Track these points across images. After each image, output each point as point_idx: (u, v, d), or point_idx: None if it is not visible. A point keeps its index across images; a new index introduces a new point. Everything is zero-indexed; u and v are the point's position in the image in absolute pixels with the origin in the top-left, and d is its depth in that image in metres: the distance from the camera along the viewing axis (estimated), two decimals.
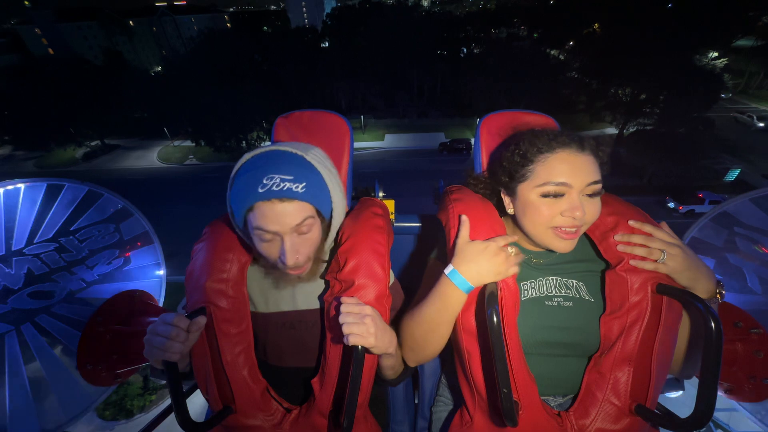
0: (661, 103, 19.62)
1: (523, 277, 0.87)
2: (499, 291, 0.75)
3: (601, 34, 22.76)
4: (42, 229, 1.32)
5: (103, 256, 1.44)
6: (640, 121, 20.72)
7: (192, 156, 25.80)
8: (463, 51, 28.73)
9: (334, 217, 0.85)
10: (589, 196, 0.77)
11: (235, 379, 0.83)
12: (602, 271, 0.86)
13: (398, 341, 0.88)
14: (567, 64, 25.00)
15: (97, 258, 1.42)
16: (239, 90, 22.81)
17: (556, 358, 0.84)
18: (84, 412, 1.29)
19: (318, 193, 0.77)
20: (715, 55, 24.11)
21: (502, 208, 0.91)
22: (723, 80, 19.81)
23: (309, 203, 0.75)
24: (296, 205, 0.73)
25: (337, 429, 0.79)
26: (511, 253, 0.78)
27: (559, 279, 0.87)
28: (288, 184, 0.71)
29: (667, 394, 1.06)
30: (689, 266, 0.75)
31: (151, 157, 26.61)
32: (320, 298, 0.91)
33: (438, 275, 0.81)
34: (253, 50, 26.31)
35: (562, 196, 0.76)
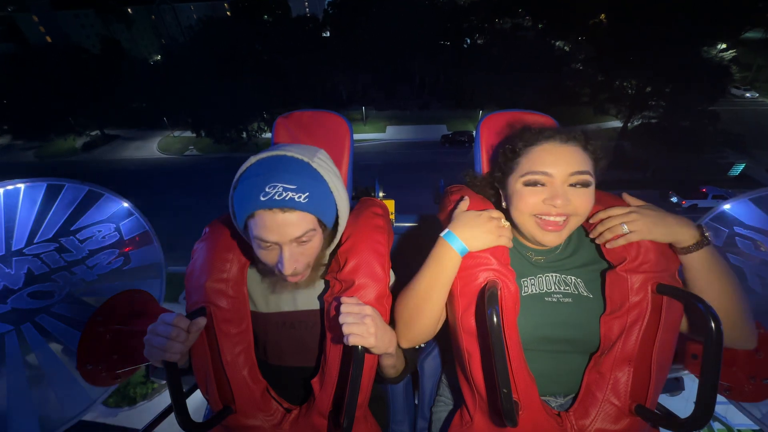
0: (667, 95, 19.39)
1: (523, 274, 0.88)
2: (499, 291, 0.75)
3: (607, 26, 22.52)
4: (42, 229, 1.32)
5: (103, 256, 1.44)
6: (645, 114, 20.48)
7: (192, 147, 25.49)
8: (467, 42, 28.50)
9: (339, 225, 0.85)
10: (575, 186, 0.77)
11: (235, 379, 0.83)
12: (603, 271, 0.86)
13: (395, 319, 0.88)
14: (572, 55, 24.65)
15: (97, 258, 1.42)
16: (239, 80, 22.60)
17: (556, 355, 0.84)
18: (84, 412, 1.29)
19: (321, 203, 0.76)
20: (723, 46, 23.82)
21: (499, 205, 0.92)
22: (731, 72, 19.55)
23: (311, 214, 0.74)
24: (298, 216, 0.72)
25: (337, 429, 0.79)
26: (503, 225, 0.84)
27: (558, 276, 0.87)
28: (290, 194, 0.69)
29: (667, 394, 1.06)
30: (655, 222, 0.77)
31: (151, 148, 26.33)
32: (320, 298, 0.91)
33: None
34: (253, 39, 25.98)
35: (543, 186, 0.79)
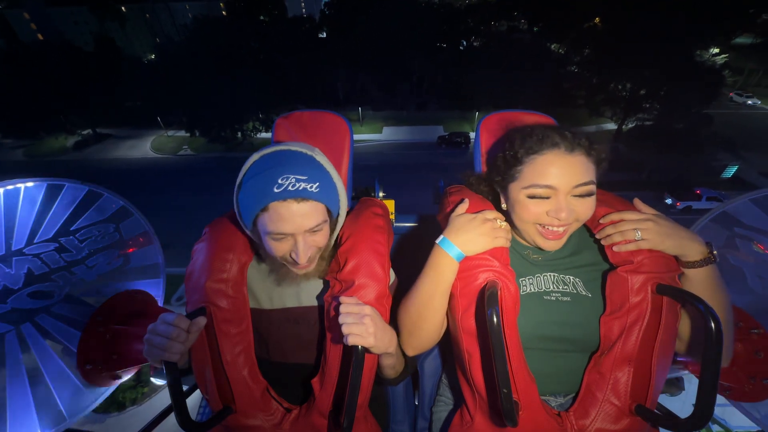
0: (661, 98, 19.55)
1: (521, 273, 0.88)
2: (499, 291, 0.75)
3: (602, 29, 22.60)
4: (42, 229, 1.32)
5: (103, 256, 1.44)
6: (639, 116, 20.63)
7: (186, 146, 25.34)
8: (463, 43, 28.58)
9: (340, 215, 0.87)
10: (579, 196, 0.77)
11: (235, 379, 0.83)
12: (605, 271, 0.86)
13: (397, 330, 0.88)
14: (568, 57, 24.80)
15: (97, 258, 1.42)
16: (235, 79, 22.52)
17: (556, 354, 0.84)
18: (84, 412, 1.29)
19: (330, 193, 0.79)
20: (716, 51, 24.01)
21: (499, 205, 0.92)
22: (723, 76, 19.76)
23: (323, 203, 0.76)
24: (311, 206, 0.74)
25: (337, 429, 0.79)
26: (501, 225, 0.83)
27: (556, 275, 0.87)
28: (303, 184, 0.72)
29: (667, 394, 1.06)
30: (668, 233, 0.77)
31: (145, 147, 26.07)
32: (321, 297, 0.91)
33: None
34: (249, 37, 25.90)
35: (548, 198, 0.77)
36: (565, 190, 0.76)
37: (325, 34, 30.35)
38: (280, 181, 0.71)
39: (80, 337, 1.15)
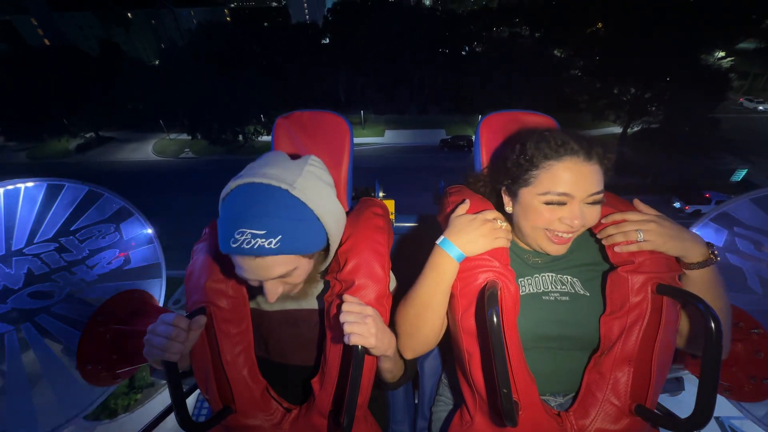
0: (667, 101, 19.41)
1: (520, 274, 0.88)
2: (499, 291, 0.76)
3: (605, 34, 22.60)
4: (42, 229, 1.32)
5: (103, 256, 1.44)
6: (645, 119, 20.48)
7: (188, 149, 25.40)
8: (465, 49, 28.65)
9: (332, 242, 0.81)
10: (590, 204, 0.78)
11: (235, 379, 0.83)
12: (605, 271, 0.86)
13: (395, 332, 0.87)
14: (569, 62, 24.79)
15: (97, 258, 1.42)
16: (236, 82, 22.56)
17: (556, 353, 0.84)
18: (84, 412, 1.29)
19: (299, 241, 0.70)
20: (722, 54, 23.96)
21: (502, 206, 0.91)
22: (730, 79, 19.59)
23: (288, 255, 0.70)
24: (272, 260, 0.69)
25: (337, 429, 0.79)
26: (501, 226, 0.83)
27: (554, 275, 0.88)
28: (259, 241, 0.65)
29: (667, 394, 1.06)
30: (671, 235, 0.77)
31: (146, 150, 26.18)
32: (321, 298, 0.91)
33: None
34: (252, 42, 26.01)
35: (563, 204, 0.77)
36: (580, 198, 0.76)
37: (328, 40, 30.38)
38: (236, 236, 0.65)
39: (80, 337, 1.15)
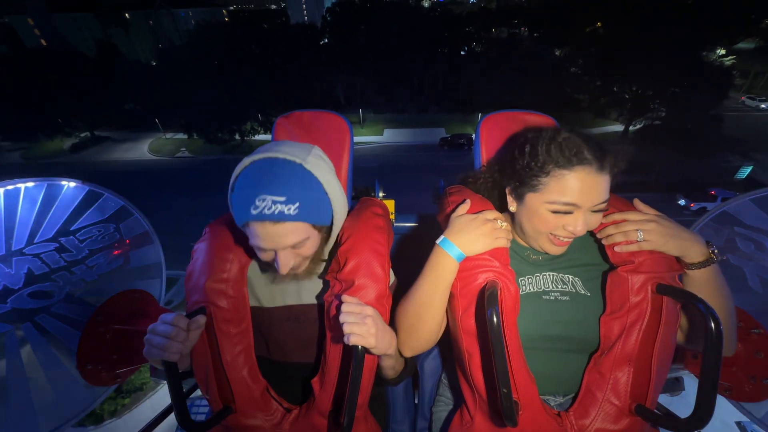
0: (669, 98, 19.28)
1: (521, 273, 0.88)
2: (499, 291, 0.76)
3: (604, 33, 22.50)
4: (42, 229, 1.32)
5: (103, 256, 1.44)
6: (648, 116, 20.36)
7: (184, 148, 25.28)
8: (465, 49, 28.62)
9: (335, 222, 0.85)
10: (595, 211, 0.78)
11: (235, 379, 0.83)
12: (604, 271, 0.86)
13: (395, 330, 0.88)
14: (570, 60, 24.70)
15: (97, 258, 1.42)
16: (234, 81, 22.52)
17: (556, 354, 0.84)
18: (84, 412, 1.29)
19: (314, 209, 0.76)
20: (723, 52, 23.85)
21: (503, 204, 0.91)
22: (733, 75, 19.47)
23: (304, 222, 0.74)
24: (290, 227, 0.73)
25: (337, 429, 0.79)
26: (501, 226, 0.83)
27: (555, 274, 0.88)
28: (280, 207, 0.69)
29: (667, 394, 1.06)
30: (671, 234, 0.77)
31: (142, 149, 26.00)
32: (321, 297, 0.91)
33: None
34: (250, 41, 25.95)
35: (569, 213, 0.77)
36: (586, 208, 0.76)
37: (326, 40, 30.27)
38: (257, 203, 0.69)
39: (80, 337, 1.15)
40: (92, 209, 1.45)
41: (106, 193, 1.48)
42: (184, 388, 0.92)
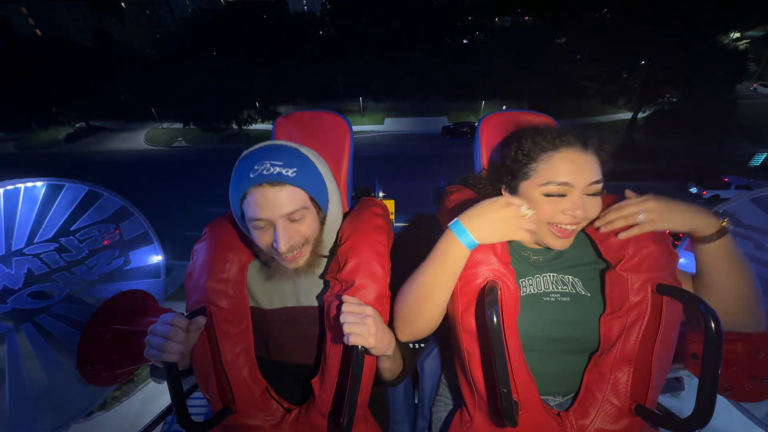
0: (680, 83, 18.37)
1: (521, 274, 0.88)
2: (500, 291, 0.75)
3: (611, 18, 21.78)
4: (42, 229, 1.32)
5: (103, 256, 1.44)
6: (659, 101, 19.49)
7: (180, 138, 24.91)
8: (468, 38, 28.25)
9: (330, 209, 0.85)
10: (590, 195, 0.78)
11: (235, 379, 0.83)
12: (602, 271, 0.86)
13: (395, 313, 0.85)
14: (576, 48, 24.16)
15: (97, 258, 1.42)
16: (231, 68, 22.38)
17: (556, 355, 0.84)
18: (84, 412, 1.29)
19: (311, 179, 0.78)
20: (737, 36, 23.27)
21: None
22: (748, 58, 18.76)
23: (301, 189, 0.76)
24: (288, 191, 0.74)
25: (337, 429, 0.79)
26: (525, 214, 0.71)
27: (555, 275, 0.87)
28: (278, 169, 0.73)
29: (667, 394, 1.06)
30: (672, 209, 0.75)
31: (138, 140, 25.49)
32: (321, 297, 0.91)
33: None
34: (248, 28, 25.73)
35: (564, 195, 0.77)
36: (580, 188, 0.76)
37: (326, 28, 29.97)
38: (256, 167, 0.73)
39: (80, 337, 1.15)
40: (92, 209, 1.45)
41: (105, 193, 1.48)
42: (184, 388, 0.92)
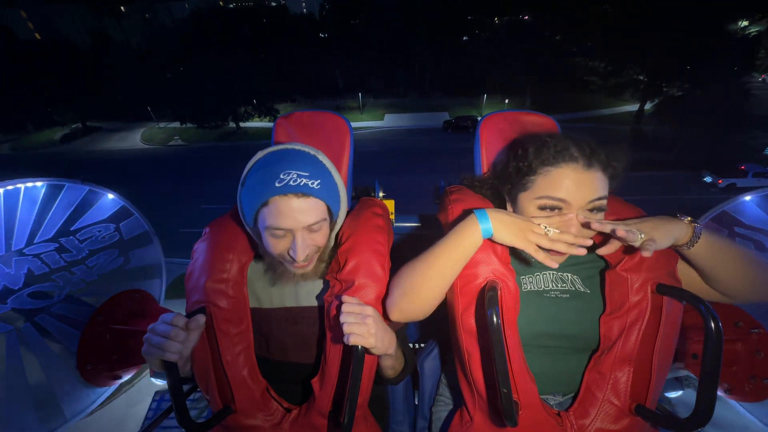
0: (689, 72, 17.93)
1: (521, 272, 0.88)
2: (499, 291, 0.75)
3: (612, 13, 21.32)
4: (42, 229, 1.32)
5: (103, 256, 1.44)
6: (666, 91, 19.02)
7: (177, 137, 24.60)
8: (468, 35, 28.12)
9: (339, 216, 0.86)
10: (591, 211, 0.75)
11: (235, 379, 0.83)
12: (602, 269, 0.86)
13: (392, 287, 0.83)
14: (578, 43, 23.58)
15: (97, 258, 1.42)
16: (228, 65, 22.22)
17: (556, 353, 0.84)
18: (84, 412, 1.29)
19: (332, 192, 0.80)
20: (746, 23, 22.51)
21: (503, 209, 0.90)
22: (759, 45, 18.16)
23: (323, 201, 0.77)
24: (312, 203, 0.75)
25: (337, 429, 0.79)
26: (545, 232, 0.73)
27: (554, 273, 0.87)
28: (305, 180, 0.73)
29: (667, 394, 1.06)
30: (654, 227, 0.73)
31: (134, 139, 25.44)
32: (321, 297, 0.91)
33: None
34: (246, 26, 25.67)
35: (559, 210, 0.76)
36: (577, 206, 0.74)
37: (325, 30, 29.88)
38: (282, 176, 0.72)
39: (80, 337, 1.15)
40: (92, 209, 1.45)
41: (105, 193, 1.48)
42: (184, 388, 0.92)
